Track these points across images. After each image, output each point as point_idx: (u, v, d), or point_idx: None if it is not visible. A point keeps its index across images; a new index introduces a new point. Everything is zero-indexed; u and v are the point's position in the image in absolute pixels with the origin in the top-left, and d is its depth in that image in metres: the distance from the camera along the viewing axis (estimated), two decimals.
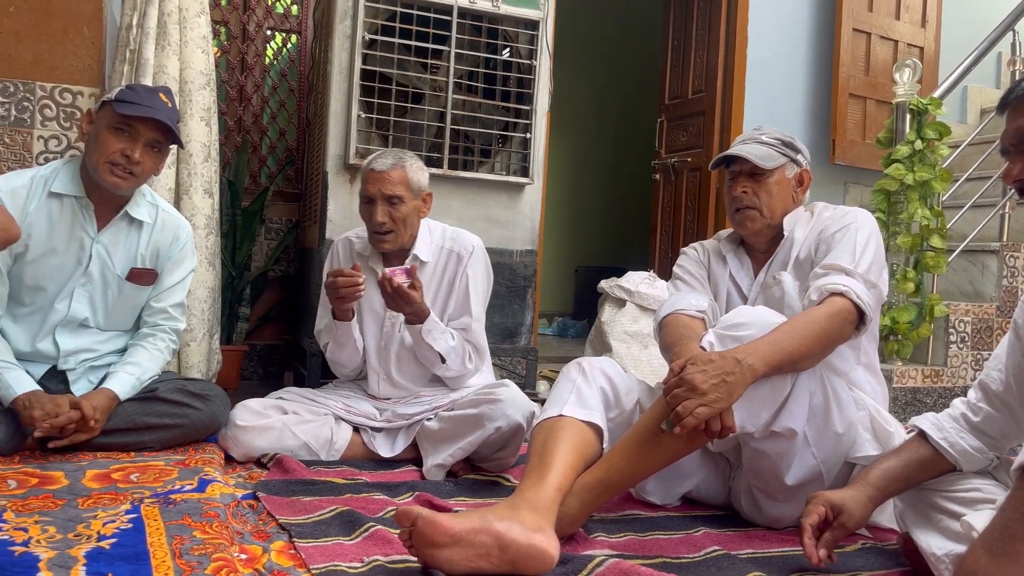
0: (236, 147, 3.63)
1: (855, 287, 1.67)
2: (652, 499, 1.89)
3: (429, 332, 2.15)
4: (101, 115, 2.05)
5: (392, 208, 2.18)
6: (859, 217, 1.82)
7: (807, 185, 1.96)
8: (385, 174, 2.17)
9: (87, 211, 2.10)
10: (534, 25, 3.03)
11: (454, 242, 2.32)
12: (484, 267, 2.33)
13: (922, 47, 4.77)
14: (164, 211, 2.24)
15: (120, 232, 2.15)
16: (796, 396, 1.61)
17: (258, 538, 1.54)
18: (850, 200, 4.68)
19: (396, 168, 2.18)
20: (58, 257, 2.08)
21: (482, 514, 1.36)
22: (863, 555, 1.63)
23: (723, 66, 4.46)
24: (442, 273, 2.31)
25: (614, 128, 7.27)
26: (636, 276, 3.63)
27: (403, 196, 2.18)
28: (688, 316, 1.84)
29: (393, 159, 2.20)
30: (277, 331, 3.73)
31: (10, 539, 1.39)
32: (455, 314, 2.29)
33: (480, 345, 2.30)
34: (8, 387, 1.96)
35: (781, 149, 1.90)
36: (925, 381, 3.53)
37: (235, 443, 2.13)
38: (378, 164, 2.19)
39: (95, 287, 2.14)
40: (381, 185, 2.16)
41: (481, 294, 2.31)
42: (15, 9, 2.63)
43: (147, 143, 2.04)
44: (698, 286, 1.97)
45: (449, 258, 2.30)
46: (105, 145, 2.01)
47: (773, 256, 1.92)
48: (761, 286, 1.92)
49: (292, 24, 3.82)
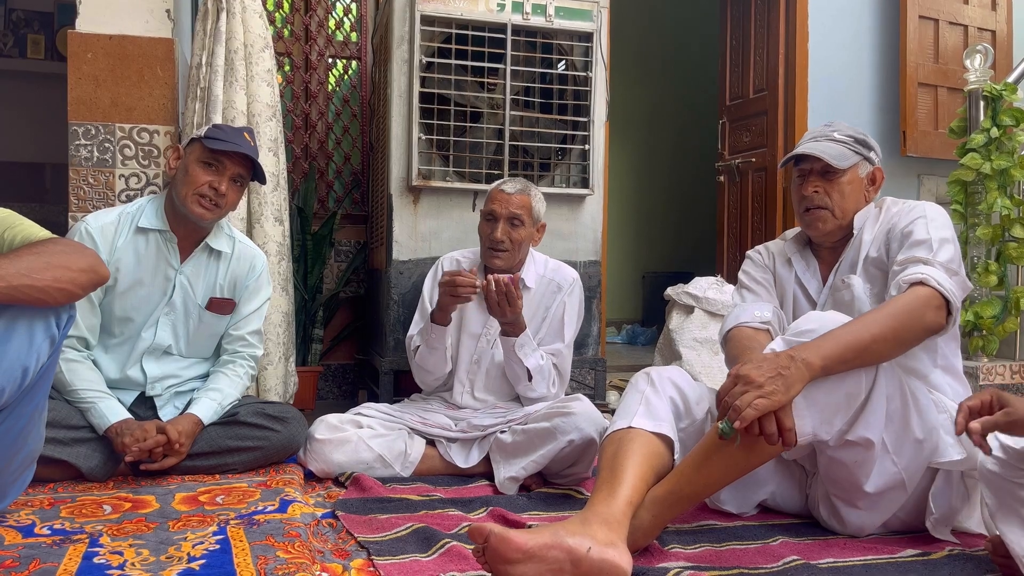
0: (304, 174, 3.74)
1: (934, 274, 1.61)
2: (727, 508, 1.87)
3: (522, 346, 2.26)
4: (190, 151, 2.17)
5: (512, 228, 2.33)
6: (928, 209, 1.77)
7: (879, 184, 1.91)
8: (512, 196, 2.34)
9: (171, 244, 2.21)
10: (588, 37, 3.04)
11: (556, 272, 2.47)
12: (580, 299, 2.46)
13: (993, 31, 4.60)
14: (241, 242, 2.34)
15: (201, 263, 2.25)
16: (873, 405, 1.56)
17: (338, 556, 1.58)
18: (924, 192, 4.53)
19: (522, 193, 2.36)
20: (145, 289, 2.19)
21: (554, 530, 1.36)
22: (950, 562, 1.58)
23: (784, 63, 4.39)
24: (540, 300, 2.44)
25: (675, 133, 7.21)
26: (703, 281, 3.58)
27: (524, 220, 2.34)
28: (752, 328, 1.81)
29: (521, 185, 2.38)
30: (350, 351, 3.82)
31: (107, 563, 1.46)
32: (546, 340, 2.41)
33: (564, 371, 2.41)
34: (103, 416, 2.07)
35: (854, 147, 1.85)
36: (1014, 377, 3.39)
37: (314, 456, 2.20)
38: (507, 186, 2.37)
39: (178, 316, 2.24)
40: (507, 205, 2.33)
41: (574, 323, 2.44)
42: (92, 55, 2.78)
43: (232, 177, 2.16)
44: (763, 293, 1.94)
45: (549, 287, 2.44)
46: (194, 178, 2.13)
47: (841, 258, 1.87)
48: (830, 289, 1.87)
49: (352, 51, 3.92)
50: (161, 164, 2.82)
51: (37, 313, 1.53)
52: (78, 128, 2.76)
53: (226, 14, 2.82)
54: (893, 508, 1.69)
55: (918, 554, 1.62)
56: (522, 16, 2.96)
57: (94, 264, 1.63)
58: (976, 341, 3.38)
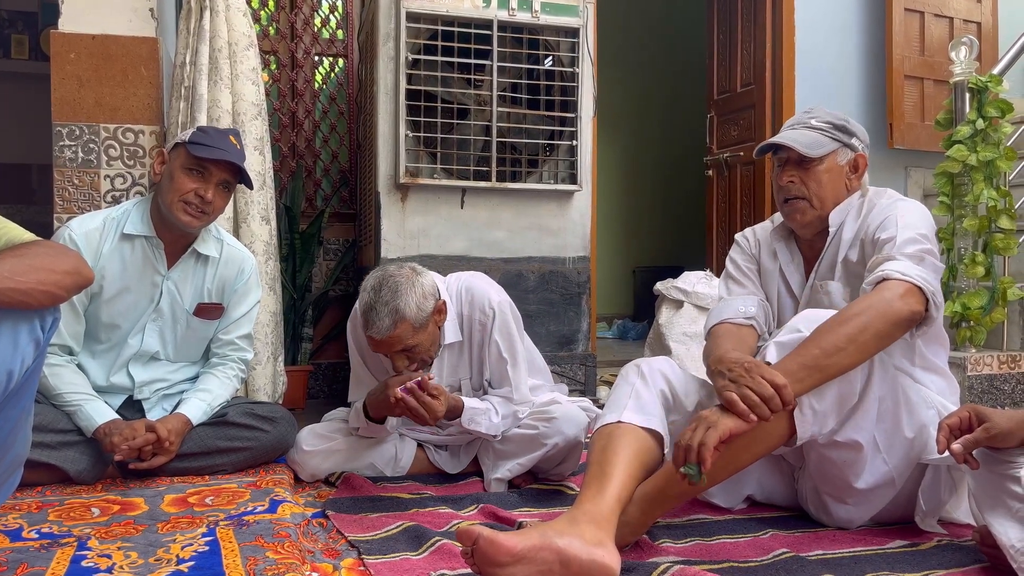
0: (291, 172, 3.73)
1: (898, 267, 1.59)
2: (716, 502, 1.87)
3: (471, 420, 2.07)
4: (174, 156, 2.14)
5: (411, 353, 2.00)
6: (901, 206, 1.74)
7: (862, 170, 1.85)
8: (388, 339, 1.94)
9: (158, 250, 2.18)
10: (574, 33, 3.04)
11: (471, 307, 2.14)
12: (509, 324, 2.14)
13: (979, 22, 4.61)
14: (229, 245, 2.31)
15: (189, 268, 2.23)
16: (865, 407, 1.56)
17: (329, 556, 1.57)
18: (912, 184, 4.55)
19: (397, 326, 1.93)
20: (132, 295, 2.17)
21: (542, 530, 1.36)
22: (938, 552, 1.58)
23: (771, 57, 4.40)
24: (470, 343, 2.17)
25: (663, 127, 7.22)
26: (692, 276, 3.59)
27: (416, 342, 1.98)
28: (735, 324, 1.80)
29: (389, 317, 1.92)
30: (340, 349, 3.80)
31: (95, 566, 1.45)
32: (494, 378, 2.18)
33: (527, 400, 2.17)
34: (90, 417, 2.05)
35: (831, 134, 1.81)
36: (1001, 368, 3.41)
37: (302, 467, 2.18)
38: (375, 331, 1.94)
39: (165, 322, 2.22)
40: (389, 347, 1.98)
41: (516, 354, 2.15)
42: (76, 55, 2.75)
43: (219, 183, 2.12)
44: (749, 284, 1.92)
45: (472, 326, 2.15)
46: (180, 185, 2.09)
47: (821, 257, 1.84)
48: (810, 290, 1.85)
49: (339, 48, 3.91)
50: (147, 164, 2.80)
51: (21, 316, 1.51)
52: (62, 129, 2.74)
53: (210, 12, 2.80)
54: (882, 503, 1.70)
55: (906, 545, 1.63)
56: (508, 12, 2.96)
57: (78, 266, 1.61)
58: (964, 332, 3.39)
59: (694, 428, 1.46)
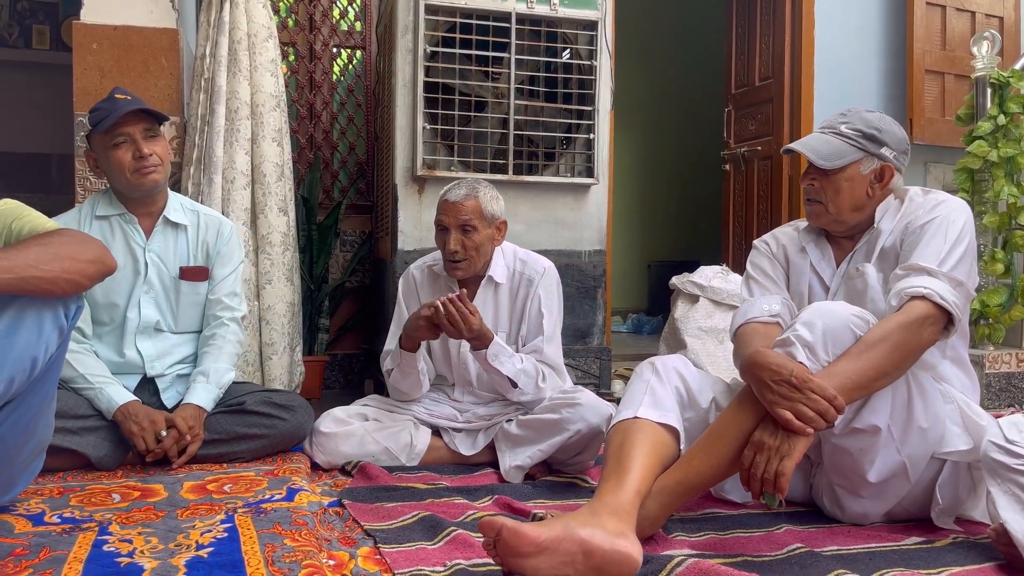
0: (309, 164, 3.75)
1: (937, 287, 1.59)
2: (731, 497, 1.88)
3: (495, 356, 2.15)
4: (97, 145, 2.21)
5: (465, 237, 2.22)
6: (950, 208, 1.72)
7: (888, 180, 1.80)
8: (459, 204, 2.22)
9: (133, 224, 2.27)
10: (593, 26, 3.03)
11: (525, 264, 2.35)
12: (555, 287, 2.34)
13: (1001, 17, 4.56)
14: (205, 213, 2.39)
15: (168, 237, 2.31)
16: (879, 392, 1.57)
17: (345, 544, 1.59)
18: (931, 180, 4.51)
19: (470, 198, 2.22)
20: (119, 272, 2.20)
21: (565, 521, 1.37)
22: (954, 549, 1.58)
23: (790, 50, 4.37)
24: (514, 296, 2.34)
25: (680, 121, 7.18)
26: (708, 271, 3.58)
27: (476, 225, 2.22)
28: (762, 323, 1.78)
29: (467, 189, 2.24)
30: (356, 341, 3.83)
31: (116, 551, 1.47)
32: (530, 337, 2.31)
33: (555, 364, 2.31)
34: (110, 399, 2.10)
35: (858, 143, 1.78)
36: (1020, 366, 3.38)
37: (320, 449, 2.22)
38: (452, 195, 2.24)
39: (157, 292, 2.29)
40: (455, 214, 2.21)
41: (554, 314, 2.32)
42: (98, 46, 2.78)
43: (143, 136, 2.18)
44: (771, 285, 1.91)
45: (520, 280, 2.33)
46: (118, 161, 2.17)
47: (857, 246, 1.84)
48: (843, 277, 1.84)
49: (357, 40, 3.92)
50: None
51: (45, 304, 1.54)
52: (83, 119, 2.76)
53: (229, 4, 2.82)
54: (896, 497, 1.70)
55: (922, 541, 1.63)
56: (527, 5, 2.95)
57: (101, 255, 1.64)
58: (982, 329, 3.37)
59: (766, 459, 1.47)
